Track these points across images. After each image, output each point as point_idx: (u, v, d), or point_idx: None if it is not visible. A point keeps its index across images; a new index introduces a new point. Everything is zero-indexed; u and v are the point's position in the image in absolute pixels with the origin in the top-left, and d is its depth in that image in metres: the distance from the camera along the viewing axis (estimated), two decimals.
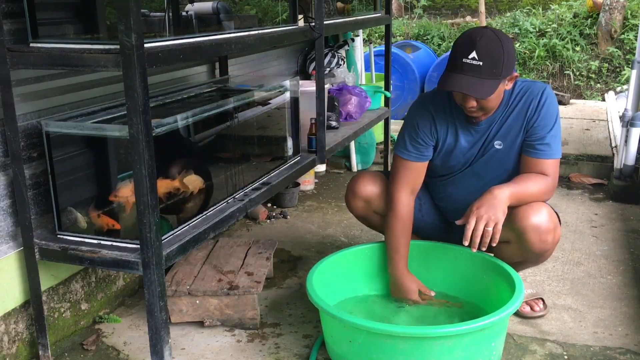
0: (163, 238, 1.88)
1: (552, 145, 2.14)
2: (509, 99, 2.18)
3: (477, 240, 1.98)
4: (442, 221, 2.45)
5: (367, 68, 4.93)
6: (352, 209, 2.48)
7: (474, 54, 1.98)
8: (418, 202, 2.45)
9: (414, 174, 2.27)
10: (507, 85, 2.10)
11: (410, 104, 2.36)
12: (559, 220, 2.19)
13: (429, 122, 2.24)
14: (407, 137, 2.27)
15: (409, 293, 2.24)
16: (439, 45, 8.60)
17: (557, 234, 2.13)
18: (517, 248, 2.16)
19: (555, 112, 2.16)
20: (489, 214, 1.99)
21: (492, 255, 2.29)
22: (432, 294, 2.27)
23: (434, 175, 2.39)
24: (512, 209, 2.08)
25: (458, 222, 2.08)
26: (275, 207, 3.62)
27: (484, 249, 2.01)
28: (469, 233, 1.99)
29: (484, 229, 1.98)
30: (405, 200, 2.26)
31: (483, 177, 2.26)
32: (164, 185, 1.99)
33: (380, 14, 3.96)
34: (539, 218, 2.06)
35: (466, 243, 2.00)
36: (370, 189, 2.40)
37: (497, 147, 2.20)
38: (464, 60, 1.99)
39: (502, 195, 2.03)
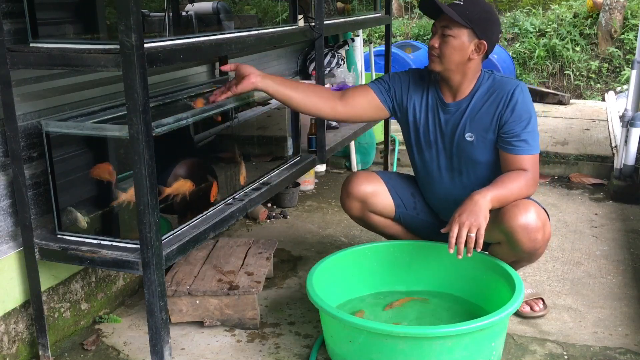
0: (163, 238, 1.88)
1: (529, 142, 2.16)
2: (480, 89, 2.23)
3: (461, 247, 2.00)
4: (437, 219, 2.46)
5: (367, 68, 4.93)
6: (348, 209, 2.47)
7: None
8: (413, 200, 2.47)
9: (358, 91, 2.33)
10: (474, 55, 2.16)
11: None
12: (548, 216, 2.19)
13: (406, 82, 2.35)
14: (380, 79, 2.38)
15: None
16: None
17: (546, 231, 2.13)
18: (508, 249, 2.16)
19: (528, 109, 2.19)
20: (470, 220, 2.00)
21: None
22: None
23: (416, 169, 2.44)
24: (499, 210, 2.10)
25: (442, 231, 2.09)
26: (275, 207, 3.62)
27: (469, 255, 2.02)
28: (452, 240, 2.01)
29: (467, 235, 1.99)
30: (336, 93, 2.30)
31: (462, 172, 2.30)
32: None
33: (380, 14, 3.96)
34: (526, 217, 2.06)
35: (451, 251, 2.02)
36: (364, 188, 2.40)
37: (469, 139, 2.23)
38: (452, 1, 2.17)
39: (483, 200, 2.04)
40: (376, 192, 2.41)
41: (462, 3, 2.14)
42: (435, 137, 2.30)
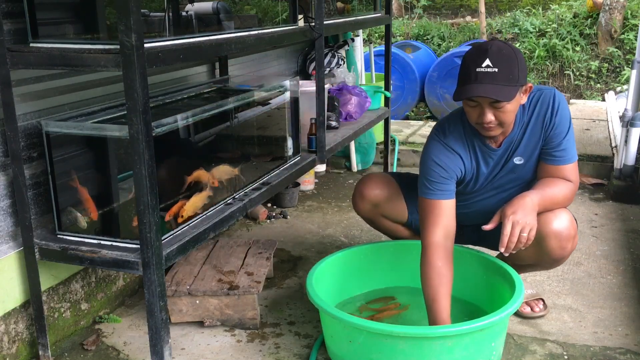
0: (163, 238, 1.88)
1: (569, 150, 2.09)
2: (522, 112, 2.09)
3: (513, 245, 1.93)
4: None
5: (367, 68, 4.93)
6: (359, 211, 2.47)
7: (487, 62, 1.91)
8: None
9: (444, 213, 2.08)
10: (523, 99, 2.01)
11: (410, 104, 2.37)
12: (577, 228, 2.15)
13: (458, 160, 2.13)
14: (433, 177, 2.10)
15: None
16: (439, 45, 8.61)
17: (575, 241, 2.11)
18: (534, 252, 2.11)
19: (568, 116, 2.09)
20: (526, 220, 1.93)
21: (497, 256, 2.30)
22: None
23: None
24: None
25: (486, 228, 2.00)
26: (275, 207, 3.62)
27: (514, 252, 1.97)
28: (505, 239, 1.93)
29: (519, 234, 1.93)
30: (439, 243, 2.04)
31: (501, 188, 2.21)
32: None
33: (380, 14, 3.96)
34: (561, 224, 2.04)
35: (502, 249, 1.94)
36: (378, 192, 2.38)
37: (517, 162, 2.13)
38: (478, 69, 1.91)
39: (534, 202, 1.98)
40: (390, 198, 2.38)
41: (495, 69, 1.89)
42: (485, 179, 2.19)
